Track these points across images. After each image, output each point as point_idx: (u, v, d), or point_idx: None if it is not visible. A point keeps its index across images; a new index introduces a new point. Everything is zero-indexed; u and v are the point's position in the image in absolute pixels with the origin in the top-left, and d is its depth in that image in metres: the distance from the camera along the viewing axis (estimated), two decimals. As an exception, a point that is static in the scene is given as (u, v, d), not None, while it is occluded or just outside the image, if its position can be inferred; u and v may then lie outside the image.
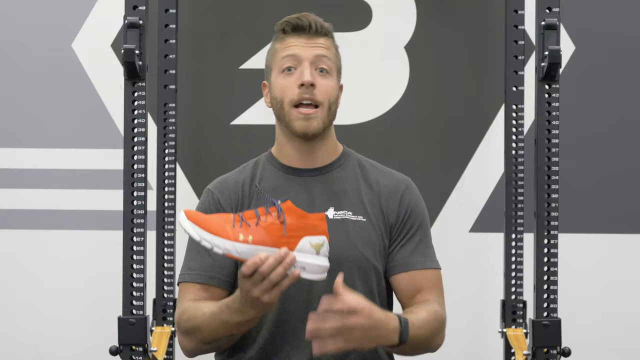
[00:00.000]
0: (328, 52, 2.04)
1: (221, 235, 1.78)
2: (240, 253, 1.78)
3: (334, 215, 2.03)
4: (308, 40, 2.02)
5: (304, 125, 2.00)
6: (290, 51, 2.02)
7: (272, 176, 2.07)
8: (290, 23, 2.04)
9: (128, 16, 2.51)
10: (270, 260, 1.74)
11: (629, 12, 3.22)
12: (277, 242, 1.79)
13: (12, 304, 3.21)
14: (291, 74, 2.02)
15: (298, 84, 1.99)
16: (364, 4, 3.22)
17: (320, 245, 1.82)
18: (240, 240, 1.78)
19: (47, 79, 3.20)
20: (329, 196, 2.04)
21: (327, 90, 2.02)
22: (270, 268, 1.74)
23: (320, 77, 2.02)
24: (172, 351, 2.93)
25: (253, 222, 1.80)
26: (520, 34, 2.94)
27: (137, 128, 2.56)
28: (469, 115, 3.23)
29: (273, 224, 1.80)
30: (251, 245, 1.78)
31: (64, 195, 3.20)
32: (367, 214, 2.04)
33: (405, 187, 2.09)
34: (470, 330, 3.18)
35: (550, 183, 2.61)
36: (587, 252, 3.21)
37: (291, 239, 1.80)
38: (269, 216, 1.81)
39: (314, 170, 2.07)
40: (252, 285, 1.76)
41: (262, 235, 1.79)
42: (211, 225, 1.79)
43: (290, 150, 2.07)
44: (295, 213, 1.81)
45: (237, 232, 1.79)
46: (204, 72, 3.21)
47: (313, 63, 2.01)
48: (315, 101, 2.00)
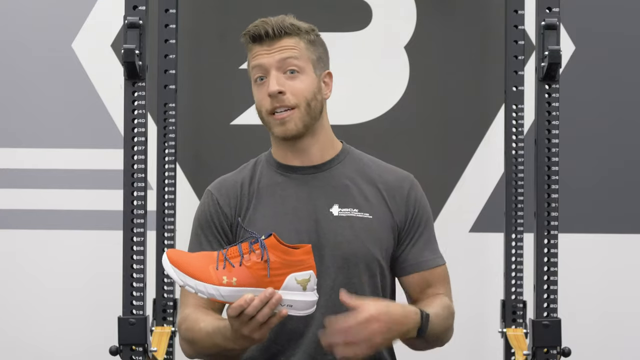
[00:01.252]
0: (294, 51, 2.01)
1: (204, 279, 1.77)
2: (225, 297, 1.77)
3: (339, 213, 2.02)
4: (270, 46, 2.01)
5: (281, 129, 2.01)
6: (256, 61, 2.03)
7: (271, 175, 2.08)
8: (249, 33, 2.04)
9: (128, 16, 2.51)
10: (255, 302, 1.74)
11: (629, 12, 3.22)
12: (262, 282, 1.77)
13: (12, 304, 3.21)
14: (263, 83, 2.02)
15: (268, 94, 2.00)
16: (364, 4, 3.22)
17: (307, 280, 1.80)
18: (224, 283, 1.76)
19: (47, 79, 3.20)
20: (331, 193, 2.04)
21: (299, 91, 2.00)
22: (256, 309, 1.75)
23: (290, 79, 2.00)
24: (172, 351, 2.93)
25: (237, 261, 1.78)
26: (520, 34, 2.94)
27: (137, 128, 2.56)
28: (469, 115, 3.23)
29: (257, 263, 1.77)
30: (235, 287, 1.77)
31: (64, 195, 3.20)
32: (373, 210, 2.04)
33: (410, 185, 2.09)
34: (470, 330, 3.18)
35: (550, 183, 2.61)
36: (587, 252, 3.21)
37: (276, 277, 1.77)
38: (252, 254, 1.78)
39: (313, 167, 2.07)
40: (240, 325, 1.78)
41: (246, 276, 1.77)
42: (194, 269, 1.77)
43: (285, 150, 2.07)
44: (279, 250, 1.78)
45: (220, 275, 1.77)
46: (204, 72, 3.21)
47: (280, 68, 2.00)
48: (288, 106, 2.00)
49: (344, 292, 1.81)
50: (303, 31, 2.05)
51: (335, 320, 1.79)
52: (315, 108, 2.03)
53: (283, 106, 1.99)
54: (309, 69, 2.04)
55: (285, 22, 2.04)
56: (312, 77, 2.04)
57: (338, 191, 2.04)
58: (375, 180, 2.07)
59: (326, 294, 1.93)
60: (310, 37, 2.06)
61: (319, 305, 1.96)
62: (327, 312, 1.94)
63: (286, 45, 2.02)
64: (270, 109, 2.00)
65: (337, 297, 1.95)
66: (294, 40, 2.03)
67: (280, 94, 1.99)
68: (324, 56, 2.09)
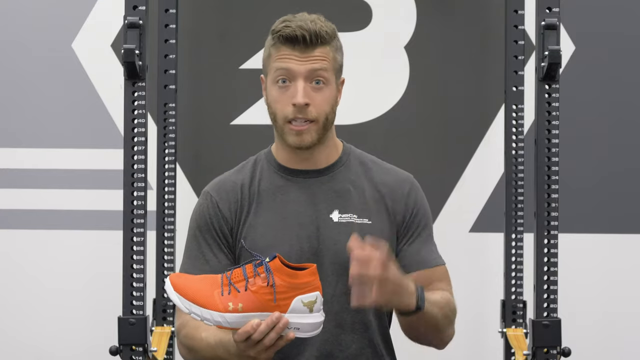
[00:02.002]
0: (324, 62, 1.94)
1: (210, 306, 1.75)
2: (231, 324, 1.75)
3: (339, 219, 2.00)
4: (302, 54, 1.93)
5: (296, 140, 1.95)
6: (283, 64, 1.93)
7: (272, 177, 2.04)
8: (283, 35, 1.93)
9: (128, 16, 2.51)
10: (262, 327, 1.73)
11: (629, 12, 3.22)
12: (268, 306, 1.75)
13: (12, 304, 3.21)
14: (285, 87, 1.94)
15: (292, 103, 1.93)
16: (364, 4, 3.22)
17: (313, 302, 1.77)
18: (230, 309, 1.75)
19: (47, 79, 3.20)
20: (333, 198, 2.01)
21: (322, 104, 1.95)
22: (263, 334, 1.74)
23: (316, 91, 1.94)
24: (172, 351, 2.93)
25: (242, 285, 1.76)
26: (520, 34, 2.94)
27: (137, 128, 2.56)
28: (469, 115, 3.23)
29: (262, 287, 1.75)
30: (241, 313, 1.75)
31: (64, 195, 3.20)
32: (373, 215, 2.01)
33: (410, 186, 2.07)
34: (470, 330, 3.18)
35: (550, 183, 2.61)
36: (587, 252, 3.21)
37: (282, 301, 1.75)
38: (257, 278, 1.75)
39: (316, 171, 2.03)
40: (246, 348, 1.76)
41: (252, 301, 1.75)
42: (199, 296, 1.76)
43: (289, 153, 2.02)
44: (284, 273, 1.76)
45: (226, 301, 1.75)
46: (204, 72, 3.21)
47: (307, 78, 1.93)
48: (309, 119, 1.94)
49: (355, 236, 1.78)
50: (334, 38, 1.98)
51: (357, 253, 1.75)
52: (331, 120, 1.98)
53: (304, 118, 1.94)
54: (332, 80, 1.97)
55: (322, 29, 1.94)
56: (334, 88, 1.98)
57: (339, 196, 2.02)
58: (377, 183, 2.05)
59: (327, 302, 1.91)
60: (337, 43, 2.00)
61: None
62: (328, 321, 1.92)
63: (319, 55, 1.94)
64: (290, 118, 1.93)
65: (337, 305, 1.95)
66: (326, 49, 1.95)
67: (306, 105, 1.93)
68: (342, 62, 2.03)
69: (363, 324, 1.99)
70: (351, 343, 1.98)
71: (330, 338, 1.97)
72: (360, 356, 1.99)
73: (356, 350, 1.98)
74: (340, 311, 1.95)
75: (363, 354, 1.99)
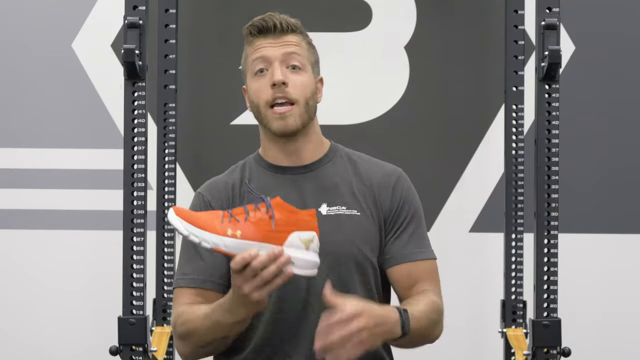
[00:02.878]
0: (297, 48, 2.04)
1: (209, 229, 1.78)
2: (229, 247, 1.77)
3: (327, 212, 2.02)
4: (275, 39, 2.03)
5: (281, 124, 2.01)
6: (259, 53, 2.03)
7: (261, 176, 2.07)
8: (256, 25, 2.05)
9: (128, 16, 2.51)
10: (262, 257, 1.74)
11: (629, 12, 3.22)
12: (266, 236, 1.78)
13: (12, 304, 3.21)
14: (263, 75, 2.02)
15: (270, 84, 2.00)
16: (364, 4, 3.22)
17: (310, 240, 1.80)
18: (228, 234, 1.78)
19: (47, 79, 3.20)
20: (320, 192, 2.04)
21: (301, 86, 2.01)
22: (262, 264, 1.74)
23: (293, 74, 2.02)
24: (172, 351, 2.93)
25: (242, 217, 1.80)
26: (520, 34, 2.94)
27: (137, 128, 2.56)
28: (469, 115, 3.23)
29: (262, 219, 1.79)
30: (240, 240, 1.78)
31: (64, 195, 3.20)
32: (361, 207, 2.03)
33: (397, 178, 2.08)
34: (470, 330, 3.18)
35: (550, 183, 2.61)
36: (587, 252, 3.21)
37: (280, 233, 1.79)
38: (257, 212, 1.80)
39: (303, 167, 2.07)
40: (243, 281, 1.76)
41: (251, 230, 1.78)
42: (199, 221, 1.79)
43: (276, 150, 2.07)
44: (284, 208, 1.80)
45: (225, 227, 1.78)
46: (204, 72, 3.21)
47: (283, 61, 2.02)
48: (289, 99, 2.00)
49: (329, 288, 1.80)
50: (304, 33, 2.08)
51: (323, 319, 1.78)
52: (312, 107, 2.04)
53: (284, 98, 2.00)
54: (308, 69, 2.05)
55: (290, 20, 2.06)
56: (311, 77, 2.05)
57: (327, 190, 2.04)
58: (363, 177, 2.07)
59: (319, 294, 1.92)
60: (309, 39, 2.09)
61: (313, 307, 1.96)
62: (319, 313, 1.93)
63: (291, 41, 2.03)
64: (270, 100, 2.00)
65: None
66: (298, 38, 2.05)
67: (284, 84, 1.99)
68: (318, 61, 2.12)
69: None
70: None
71: None
72: None
73: None
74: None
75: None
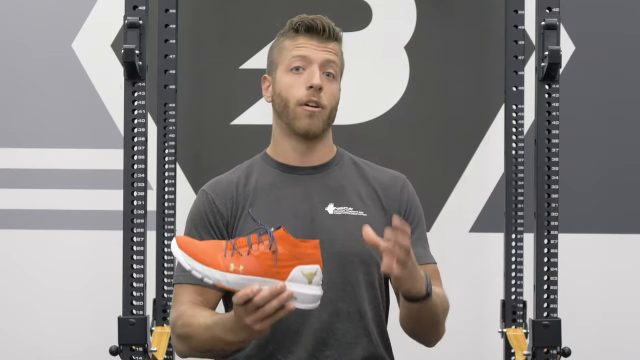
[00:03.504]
0: (336, 57, 2.06)
1: (212, 265, 1.78)
2: (231, 283, 1.77)
3: (334, 211, 2.03)
4: (319, 43, 2.04)
5: (308, 122, 2.02)
6: (301, 52, 2.03)
7: (268, 174, 2.08)
8: (305, 24, 2.05)
9: (128, 16, 2.52)
10: (265, 292, 1.74)
11: (629, 12, 3.22)
12: (268, 271, 1.78)
13: (12, 304, 3.21)
14: (300, 73, 2.03)
15: (307, 86, 2.01)
16: (364, 4, 3.22)
17: (313, 274, 1.80)
18: (231, 270, 1.77)
19: (47, 79, 3.20)
20: (327, 193, 2.05)
21: (332, 94, 2.04)
22: (264, 300, 1.75)
23: (327, 81, 2.04)
24: (172, 351, 2.93)
25: (245, 250, 1.79)
26: (520, 34, 2.94)
27: (137, 128, 2.56)
28: (469, 115, 3.23)
29: (264, 253, 1.78)
30: (242, 275, 1.77)
31: (64, 195, 3.20)
32: (368, 209, 2.05)
33: (402, 183, 2.11)
34: (470, 330, 3.18)
35: (550, 183, 2.61)
36: (587, 252, 3.21)
37: (283, 268, 1.78)
38: (261, 244, 1.79)
39: (312, 168, 2.07)
40: (245, 313, 1.77)
41: (254, 265, 1.77)
42: (202, 255, 1.78)
43: (288, 148, 2.07)
44: (287, 242, 1.79)
45: (228, 262, 1.78)
46: (204, 72, 3.21)
47: (322, 66, 2.03)
48: (320, 104, 2.02)
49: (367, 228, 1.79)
50: (342, 41, 2.10)
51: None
52: (334, 115, 2.07)
53: (317, 102, 2.02)
54: (339, 79, 2.09)
55: (336, 27, 2.07)
56: (339, 87, 2.09)
57: (334, 191, 2.06)
58: (370, 180, 2.09)
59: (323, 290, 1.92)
60: (342, 48, 2.11)
61: None
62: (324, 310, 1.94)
63: (333, 49, 2.06)
64: (304, 100, 2.01)
65: (332, 294, 1.95)
66: (338, 47, 2.08)
67: (320, 89, 2.01)
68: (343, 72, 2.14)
69: (358, 313, 2.00)
70: (346, 332, 1.99)
71: (325, 326, 1.98)
72: (355, 345, 2.00)
73: (351, 339, 2.00)
74: (335, 300, 1.96)
75: (358, 343, 2.00)
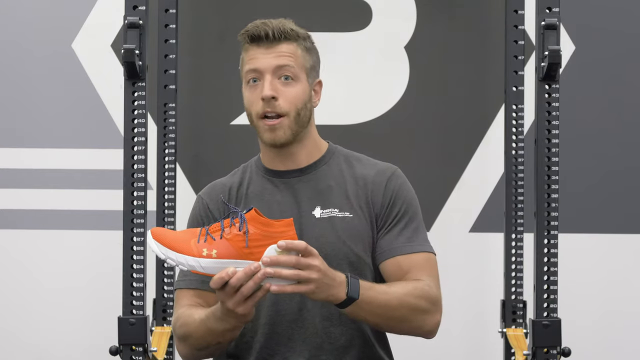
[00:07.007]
0: (289, 59, 2.01)
1: (185, 252, 1.78)
2: (205, 268, 1.78)
3: (320, 214, 2.03)
4: (267, 49, 2.00)
5: (270, 136, 2.01)
6: (252, 64, 2.01)
7: (259, 181, 2.09)
8: (249, 34, 2.03)
9: (128, 16, 2.51)
10: (239, 274, 1.75)
11: (629, 11, 3.22)
12: (241, 253, 1.78)
13: (13, 303, 3.21)
14: (255, 85, 2.02)
15: (260, 98, 1.99)
16: (364, 4, 3.22)
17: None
18: (204, 255, 1.78)
19: (47, 79, 3.20)
20: (315, 195, 2.04)
21: (292, 98, 2.00)
22: (240, 281, 1.75)
23: (284, 85, 2.00)
24: (172, 351, 2.93)
25: (217, 235, 1.79)
26: (520, 34, 2.94)
27: (137, 128, 2.56)
28: (469, 115, 3.23)
29: (237, 235, 1.78)
30: (216, 259, 1.78)
31: (64, 195, 3.20)
32: (354, 208, 2.03)
33: (390, 175, 2.08)
34: (470, 330, 3.18)
35: (550, 183, 2.61)
36: (587, 252, 3.21)
37: (256, 249, 1.78)
38: (233, 227, 1.79)
39: (299, 171, 2.07)
40: (225, 297, 1.78)
41: (227, 248, 1.78)
42: (175, 243, 1.79)
43: (271, 155, 2.07)
44: (259, 222, 1.79)
45: (200, 248, 1.78)
46: (204, 72, 3.21)
47: (275, 72, 2.00)
48: (278, 113, 1.99)
49: None
50: (301, 38, 2.04)
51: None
52: (304, 117, 2.03)
53: (274, 112, 1.99)
54: (302, 77, 2.03)
55: (285, 26, 2.02)
56: (305, 86, 2.04)
57: (320, 193, 2.05)
58: (358, 177, 2.07)
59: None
60: (307, 44, 2.06)
61: (307, 309, 1.96)
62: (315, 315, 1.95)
63: (284, 51, 2.01)
64: (261, 113, 2.00)
65: None
66: (292, 46, 2.02)
67: (273, 99, 1.98)
68: (316, 65, 2.09)
69: None
70: (340, 335, 1.99)
71: (319, 331, 1.98)
72: (350, 347, 2.00)
73: (346, 342, 2.00)
74: (326, 304, 1.94)
75: (353, 345, 2.00)
